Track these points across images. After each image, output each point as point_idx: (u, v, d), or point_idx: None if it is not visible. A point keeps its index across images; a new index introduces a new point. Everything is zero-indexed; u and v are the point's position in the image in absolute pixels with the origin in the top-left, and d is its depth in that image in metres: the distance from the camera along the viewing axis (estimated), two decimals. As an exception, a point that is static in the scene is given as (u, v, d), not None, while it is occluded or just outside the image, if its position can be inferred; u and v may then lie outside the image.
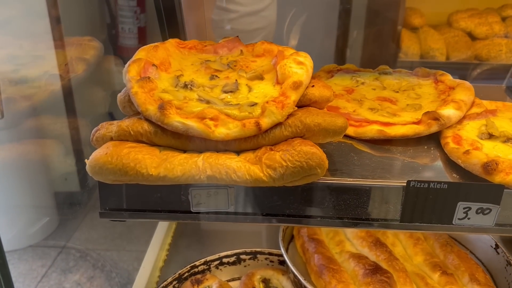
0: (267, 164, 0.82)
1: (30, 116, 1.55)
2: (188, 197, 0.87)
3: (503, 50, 3.25)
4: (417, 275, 1.31)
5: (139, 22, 3.55)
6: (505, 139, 0.99)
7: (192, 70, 1.07)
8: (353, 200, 0.88)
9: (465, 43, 3.33)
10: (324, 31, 2.70)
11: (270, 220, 0.90)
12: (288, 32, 2.18)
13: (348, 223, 0.89)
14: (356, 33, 2.60)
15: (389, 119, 1.07)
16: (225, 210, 0.89)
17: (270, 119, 0.87)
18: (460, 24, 3.39)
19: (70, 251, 3.93)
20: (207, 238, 1.77)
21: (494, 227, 0.88)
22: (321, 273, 1.26)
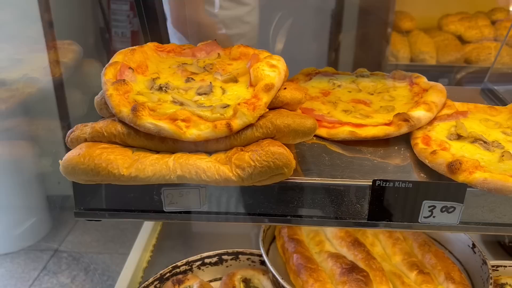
0: (236, 164, 0.84)
1: (6, 118, 1.57)
2: (161, 197, 0.89)
3: (492, 53, 3.29)
4: (394, 274, 1.33)
5: (132, 26, 3.58)
6: (473, 139, 1.01)
7: (169, 73, 1.09)
8: (321, 199, 0.90)
9: (454, 46, 3.38)
10: (314, 35, 2.74)
11: (241, 219, 0.92)
12: (274, 36, 2.21)
13: (316, 222, 0.92)
14: (342, 36, 2.63)
15: (362, 121, 1.10)
16: (197, 210, 0.91)
17: (241, 120, 0.89)
18: (450, 28, 3.43)
19: (62, 254, 3.94)
20: (192, 239, 1.79)
21: (459, 225, 0.90)
22: (299, 273, 1.28)
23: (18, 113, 1.56)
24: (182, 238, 1.78)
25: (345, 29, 2.96)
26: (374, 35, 3.15)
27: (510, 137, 1.04)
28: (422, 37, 3.37)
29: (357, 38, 3.05)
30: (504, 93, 1.33)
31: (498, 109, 1.15)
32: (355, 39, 3.11)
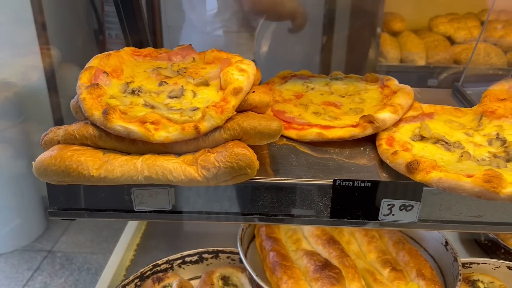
0: (202, 165, 0.88)
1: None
2: (131, 197, 0.93)
3: (481, 54, 3.34)
4: (368, 271, 1.37)
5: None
6: (435, 140, 1.05)
7: (143, 77, 1.13)
8: (285, 198, 0.94)
9: (444, 47, 3.43)
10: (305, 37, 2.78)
11: (208, 218, 0.95)
12: (259, 39, 2.25)
13: (281, 220, 0.95)
14: (326, 38, 2.67)
15: (330, 123, 1.14)
16: (166, 209, 0.95)
17: (209, 123, 0.93)
18: (440, 29, 3.48)
19: (56, 254, 3.98)
20: (177, 239, 1.82)
21: (417, 222, 0.94)
22: (274, 270, 1.32)
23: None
24: (167, 237, 1.82)
25: (336, 31, 3.01)
26: (364, 36, 3.20)
27: (472, 137, 1.08)
28: (412, 38, 3.42)
29: (348, 40, 3.10)
30: (472, 94, 1.37)
31: (464, 111, 1.19)
32: (346, 41, 3.16)
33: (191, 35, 2.54)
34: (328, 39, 2.95)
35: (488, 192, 0.84)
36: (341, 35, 3.03)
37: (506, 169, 0.94)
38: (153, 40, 2.92)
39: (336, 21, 2.98)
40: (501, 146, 1.03)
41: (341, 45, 2.98)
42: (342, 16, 3.02)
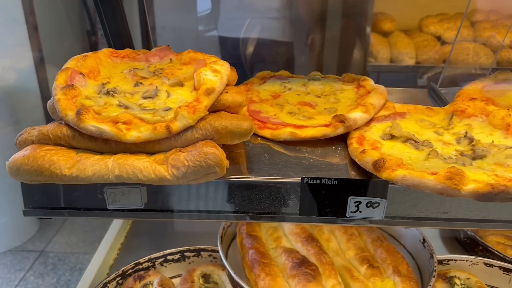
0: (172, 164, 0.90)
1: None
2: (104, 196, 0.95)
3: (470, 54, 3.37)
4: (345, 268, 1.39)
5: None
6: (405, 139, 1.07)
7: (120, 78, 1.15)
8: (255, 196, 0.96)
9: (433, 47, 3.45)
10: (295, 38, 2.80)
11: (180, 216, 0.97)
12: (245, 40, 2.26)
13: (252, 217, 0.97)
14: (312, 39, 2.69)
15: (304, 122, 1.16)
16: (139, 208, 0.96)
17: (181, 122, 0.95)
18: (429, 29, 3.51)
19: (49, 255, 3.99)
20: (161, 238, 1.84)
21: (384, 219, 0.96)
22: (252, 267, 1.34)
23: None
24: (151, 236, 1.84)
25: (323, 32, 3.03)
26: (353, 37, 3.22)
27: (441, 136, 1.10)
28: (402, 38, 3.45)
29: (336, 40, 3.11)
30: (447, 94, 1.40)
31: (436, 110, 1.21)
32: (334, 41, 3.17)
33: (184, 35, 2.57)
34: (314, 40, 2.96)
35: (450, 189, 0.87)
36: (329, 36, 3.05)
37: (471, 166, 0.96)
38: (146, 41, 2.94)
39: (323, 21, 2.99)
40: (469, 145, 1.05)
41: (328, 46, 2.99)
42: (331, 17, 3.04)
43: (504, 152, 1.00)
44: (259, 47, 2.26)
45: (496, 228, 0.97)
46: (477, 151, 1.01)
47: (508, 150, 1.00)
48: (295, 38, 2.70)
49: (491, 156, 0.99)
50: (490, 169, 0.94)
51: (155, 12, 2.87)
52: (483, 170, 0.94)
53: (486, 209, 0.95)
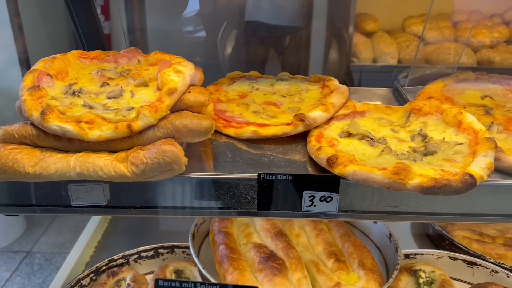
0: (131, 162, 0.93)
1: None
2: (68, 193, 0.98)
3: (451, 54, 3.43)
4: (313, 262, 1.43)
5: (104, 29, 3.63)
6: (361, 136, 1.12)
7: (87, 79, 1.18)
8: (215, 191, 1.00)
9: (415, 47, 3.51)
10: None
11: (141, 212, 1.01)
12: (223, 41, 2.30)
13: (211, 212, 1.01)
14: (289, 39, 2.72)
15: (267, 121, 1.20)
16: (102, 204, 1.00)
17: (143, 121, 0.99)
18: (412, 29, 3.56)
19: (35, 255, 4.00)
20: (138, 236, 1.87)
21: (338, 212, 1.00)
22: (222, 262, 1.38)
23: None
24: (128, 234, 1.87)
25: (309, 33, 3.07)
26: (336, 37, 3.26)
27: (397, 134, 1.15)
28: (385, 38, 3.50)
29: (321, 41, 3.16)
30: (410, 93, 1.44)
31: (394, 109, 1.26)
32: (320, 42, 3.22)
33: (172, 37, 2.60)
34: (295, 41, 3.01)
35: (396, 184, 0.91)
36: (311, 36, 3.10)
37: (421, 162, 1.01)
38: (134, 42, 2.97)
39: (305, 22, 3.04)
40: (422, 141, 1.10)
41: (310, 46, 3.03)
42: (315, 18, 3.09)
43: (453, 148, 1.05)
44: (236, 48, 2.30)
45: (443, 220, 1.01)
46: (429, 148, 1.05)
47: (457, 147, 1.05)
48: (275, 39, 2.74)
49: (441, 152, 1.04)
50: (438, 165, 0.99)
51: (138, 13, 2.89)
52: (431, 165, 0.99)
53: (435, 202, 0.99)
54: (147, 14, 2.85)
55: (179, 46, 2.71)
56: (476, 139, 1.05)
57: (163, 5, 2.72)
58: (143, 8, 2.77)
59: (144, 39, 2.87)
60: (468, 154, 1.02)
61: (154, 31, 2.79)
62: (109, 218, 1.93)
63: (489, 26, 3.50)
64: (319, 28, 3.15)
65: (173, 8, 2.58)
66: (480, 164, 0.96)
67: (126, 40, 2.93)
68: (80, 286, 1.43)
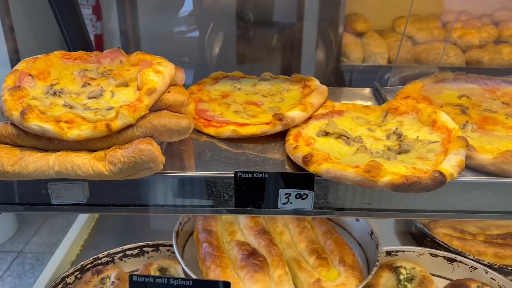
0: (109, 160, 0.95)
1: None
2: (48, 191, 1.00)
3: (440, 54, 3.47)
4: (294, 259, 1.46)
5: (95, 29, 3.64)
6: (338, 135, 1.14)
7: (69, 79, 1.19)
8: (192, 189, 1.02)
9: (404, 47, 3.54)
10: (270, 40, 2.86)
11: (120, 210, 1.03)
12: (210, 41, 2.32)
13: (189, 210, 1.03)
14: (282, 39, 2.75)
15: (247, 120, 1.22)
16: (82, 202, 1.02)
17: (121, 121, 1.00)
18: (402, 29, 3.59)
19: (27, 255, 4.00)
20: (124, 234, 1.88)
21: (313, 209, 1.03)
22: (204, 260, 1.40)
23: None
24: (115, 233, 1.88)
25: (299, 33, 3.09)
26: (326, 37, 3.29)
27: (374, 132, 1.17)
28: (375, 39, 3.53)
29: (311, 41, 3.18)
30: (391, 93, 1.47)
31: (372, 108, 1.29)
32: (309, 42, 3.24)
33: (163, 37, 2.61)
34: (284, 41, 3.03)
35: (367, 181, 0.94)
36: (300, 37, 3.12)
37: (395, 160, 1.04)
38: (127, 41, 2.99)
39: (294, 22, 3.06)
40: (397, 140, 1.12)
41: (298, 46, 3.05)
42: (305, 18, 3.11)
43: (426, 147, 1.07)
44: (224, 48, 2.32)
45: (416, 217, 1.04)
46: (403, 146, 1.08)
47: (430, 145, 1.08)
48: (263, 39, 2.76)
49: (415, 150, 1.07)
50: (411, 163, 1.02)
51: (130, 13, 2.91)
52: (404, 163, 1.02)
53: (407, 199, 1.02)
54: (139, 14, 2.87)
55: (170, 46, 2.73)
56: (449, 137, 1.08)
57: (154, 5, 2.74)
58: (135, 8, 2.79)
59: (136, 39, 2.89)
60: (441, 152, 1.04)
61: (145, 31, 2.81)
62: (96, 217, 1.94)
63: (478, 27, 3.54)
64: (309, 28, 3.18)
65: (164, 8, 2.60)
66: (451, 162, 0.99)
67: (111, 40, 2.94)
68: (64, 284, 1.44)
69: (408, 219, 1.77)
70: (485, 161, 1.05)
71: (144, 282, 0.86)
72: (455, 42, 3.49)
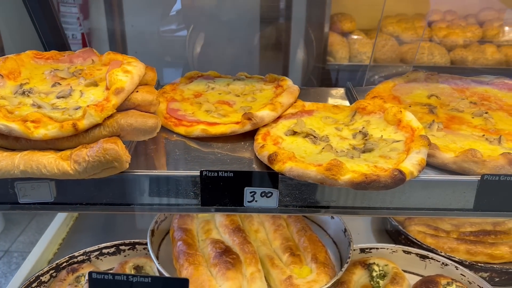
0: (74, 159, 0.96)
1: None
2: (15, 190, 1.01)
3: (425, 53, 3.51)
4: (268, 256, 1.48)
5: (82, 28, 3.63)
6: (305, 135, 1.16)
7: (39, 79, 1.20)
8: (159, 188, 1.03)
9: (391, 47, 3.58)
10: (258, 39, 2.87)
11: (87, 209, 1.04)
12: (191, 41, 2.33)
13: (156, 209, 1.05)
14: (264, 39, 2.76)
15: (218, 120, 1.24)
16: (49, 201, 1.02)
17: (88, 120, 1.02)
18: (388, 29, 3.63)
19: (13, 254, 3.98)
20: (104, 233, 1.89)
21: (278, 207, 1.05)
22: (178, 258, 1.41)
23: None
24: (94, 232, 1.89)
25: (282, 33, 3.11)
26: (310, 37, 3.31)
27: (341, 132, 1.20)
28: (361, 38, 3.56)
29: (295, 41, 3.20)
30: (361, 92, 1.49)
31: (342, 108, 1.31)
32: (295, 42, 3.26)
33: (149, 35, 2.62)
34: (267, 40, 3.04)
35: (328, 179, 0.96)
36: (286, 36, 3.14)
37: (358, 159, 1.06)
38: (114, 41, 2.99)
39: (278, 22, 3.08)
40: (362, 139, 1.15)
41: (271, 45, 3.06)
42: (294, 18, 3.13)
43: (390, 146, 1.10)
44: (206, 48, 2.33)
45: (379, 214, 1.06)
46: (367, 145, 1.10)
47: (394, 144, 1.10)
48: (246, 39, 2.77)
49: (378, 149, 1.09)
50: (374, 161, 1.04)
51: (117, 12, 2.91)
52: (366, 162, 1.04)
53: (369, 197, 1.04)
54: (125, 13, 2.87)
55: (156, 44, 2.73)
56: (413, 136, 1.10)
57: (141, 4, 2.74)
58: (121, 7, 2.80)
59: (123, 38, 2.89)
60: (403, 151, 1.07)
61: (132, 31, 2.81)
62: (75, 216, 1.94)
63: (463, 26, 3.58)
64: (290, 28, 3.19)
65: (150, 7, 2.61)
66: (412, 161, 1.01)
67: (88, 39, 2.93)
68: (39, 283, 1.45)
69: (368, 216, 1.79)
70: (447, 159, 1.07)
71: (104, 279, 0.87)
72: (439, 42, 3.52)
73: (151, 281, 0.88)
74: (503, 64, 3.32)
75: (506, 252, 1.68)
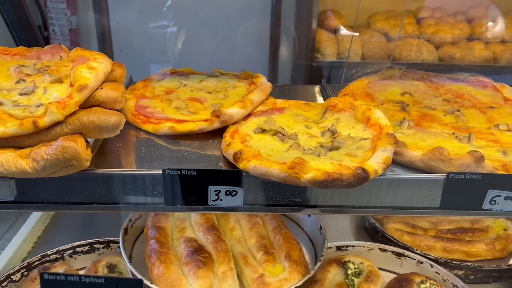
0: (33, 158, 0.94)
1: None
2: (-27, 189, 0.99)
3: (413, 50, 3.50)
4: (242, 255, 1.47)
5: (70, 24, 3.58)
6: (274, 132, 1.15)
7: (4, 75, 1.18)
8: (121, 187, 1.02)
9: (379, 44, 3.57)
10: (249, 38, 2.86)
11: (49, 208, 1.02)
12: (172, 37, 2.31)
13: (124, 208, 1.03)
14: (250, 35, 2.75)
15: (187, 117, 1.22)
16: (9, 200, 1.01)
17: (50, 118, 1.00)
18: (376, 26, 3.62)
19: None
20: (81, 231, 1.87)
21: (244, 206, 1.03)
22: (150, 256, 1.40)
23: None
24: (70, 230, 1.86)
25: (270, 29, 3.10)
26: (298, 34, 3.30)
27: (310, 129, 1.19)
28: (350, 35, 3.55)
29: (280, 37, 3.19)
30: (335, 90, 1.48)
31: (313, 105, 1.30)
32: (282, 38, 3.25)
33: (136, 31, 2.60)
34: (252, 37, 3.02)
35: (291, 177, 0.95)
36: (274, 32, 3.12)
37: (325, 157, 1.05)
38: (102, 38, 2.96)
39: (266, 18, 3.06)
40: (331, 137, 1.14)
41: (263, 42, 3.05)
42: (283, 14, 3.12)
43: (357, 144, 1.09)
44: (187, 45, 2.31)
45: (344, 213, 1.06)
46: (334, 143, 1.09)
47: (361, 142, 1.09)
48: (230, 35, 2.75)
49: (345, 147, 1.08)
50: (339, 159, 1.03)
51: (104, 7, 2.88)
52: (332, 160, 1.03)
53: (335, 196, 1.03)
54: (110, 10, 2.84)
55: (143, 40, 2.71)
56: (380, 134, 1.09)
57: (125, 0, 2.71)
58: (107, 3, 2.77)
59: (110, 33, 2.86)
60: (369, 149, 1.06)
61: (117, 27, 2.79)
62: (51, 214, 1.92)
63: (451, 24, 3.58)
64: (281, 24, 3.18)
65: (137, 4, 2.59)
66: (377, 159, 1.00)
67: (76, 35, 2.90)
68: (10, 282, 1.43)
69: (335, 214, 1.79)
70: (414, 157, 1.07)
71: (56, 280, 0.86)
72: (428, 39, 3.52)
73: (104, 281, 0.87)
74: (490, 61, 3.32)
75: (482, 249, 1.68)
